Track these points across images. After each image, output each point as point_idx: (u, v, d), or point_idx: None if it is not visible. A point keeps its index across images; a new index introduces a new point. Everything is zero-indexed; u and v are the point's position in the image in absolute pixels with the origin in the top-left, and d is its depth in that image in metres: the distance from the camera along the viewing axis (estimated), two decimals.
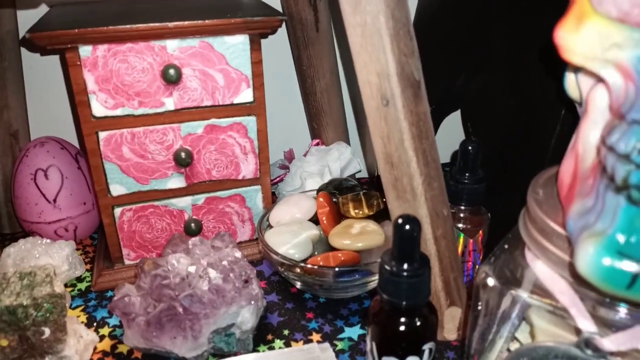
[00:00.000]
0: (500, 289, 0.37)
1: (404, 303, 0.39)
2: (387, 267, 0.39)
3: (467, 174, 0.52)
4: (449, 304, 0.50)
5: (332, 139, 0.76)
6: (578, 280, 0.32)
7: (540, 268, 0.35)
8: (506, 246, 0.39)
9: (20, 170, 0.63)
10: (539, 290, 0.36)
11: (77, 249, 0.68)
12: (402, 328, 0.40)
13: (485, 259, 0.39)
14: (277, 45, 0.74)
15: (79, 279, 0.63)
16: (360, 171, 0.76)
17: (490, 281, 0.37)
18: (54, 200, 0.63)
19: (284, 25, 0.72)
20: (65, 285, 0.62)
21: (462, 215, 0.54)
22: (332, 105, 0.73)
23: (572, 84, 0.35)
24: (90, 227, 0.68)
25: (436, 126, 0.72)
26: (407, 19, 0.44)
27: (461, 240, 0.54)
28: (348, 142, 0.78)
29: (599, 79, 0.31)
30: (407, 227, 0.37)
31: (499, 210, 0.55)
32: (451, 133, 0.72)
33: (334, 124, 0.75)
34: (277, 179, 0.76)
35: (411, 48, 0.44)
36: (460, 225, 0.54)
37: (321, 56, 0.69)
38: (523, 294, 0.36)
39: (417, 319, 0.40)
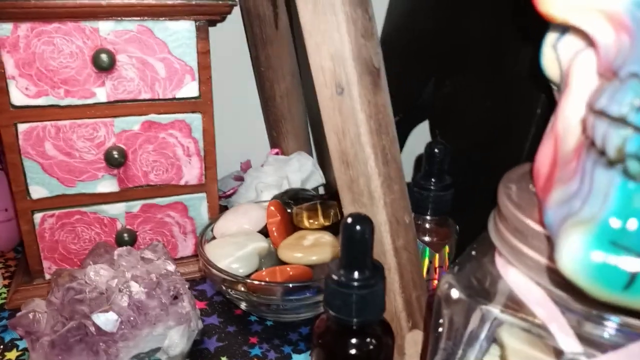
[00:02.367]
0: (467, 302, 0.31)
1: (354, 320, 0.33)
2: (334, 277, 0.33)
3: (432, 180, 0.47)
4: (410, 327, 0.44)
5: (292, 149, 0.70)
6: (560, 288, 0.26)
7: (513, 276, 0.29)
8: (473, 253, 0.33)
9: None
10: (513, 304, 0.30)
11: None
12: (352, 351, 0.33)
13: (449, 269, 0.33)
14: (235, 44, 0.69)
15: None
16: (323, 185, 0.69)
17: (455, 293, 0.31)
18: None
19: (241, 21, 0.67)
20: None
21: (427, 226, 0.48)
22: (292, 111, 0.68)
23: (550, 59, 0.30)
24: (12, 237, 0.60)
25: (403, 139, 0.67)
26: None
27: (426, 254, 0.47)
28: (310, 153, 0.72)
29: (583, 43, 0.26)
30: (358, 227, 0.31)
31: (468, 224, 0.50)
32: (413, 145, 0.67)
33: (295, 132, 0.69)
34: (231, 191, 0.69)
35: (370, 30, 0.39)
36: (425, 237, 0.48)
37: (281, 56, 0.64)
38: (494, 309, 0.30)
39: (370, 340, 0.34)
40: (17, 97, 0.47)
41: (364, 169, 0.40)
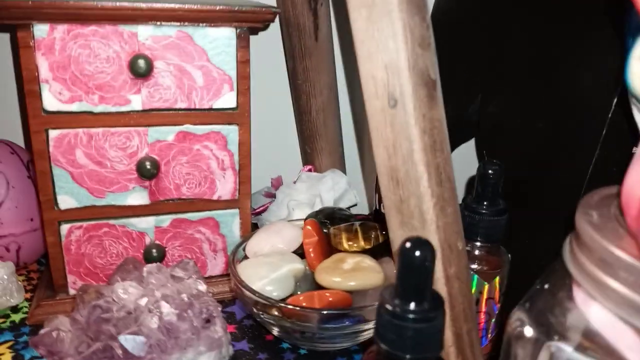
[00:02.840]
0: (541, 341, 0.27)
1: (408, 357, 0.29)
2: (388, 307, 0.29)
3: (485, 203, 0.43)
4: None
5: (326, 166, 0.67)
6: None
7: (596, 313, 0.26)
8: (546, 286, 0.30)
9: None
10: (591, 342, 0.26)
11: (19, 274, 0.57)
12: None
13: (518, 304, 0.30)
14: (270, 55, 0.66)
15: (15, 309, 0.52)
16: (356, 205, 0.66)
17: (528, 331, 0.27)
18: None
19: (278, 31, 0.65)
20: None
21: (476, 253, 0.44)
22: (328, 127, 0.65)
23: (638, 73, 0.27)
24: (37, 249, 0.58)
25: None
26: (424, 3, 0.36)
27: (475, 284, 0.44)
28: (344, 171, 0.69)
29: None
30: (418, 253, 0.28)
31: (518, 253, 0.46)
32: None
33: (330, 148, 0.66)
34: (261, 208, 0.66)
35: (427, 39, 0.36)
36: (474, 265, 0.45)
37: (319, 69, 0.61)
38: (567, 348, 0.26)
39: None
40: (50, 102, 0.45)
41: (416, 189, 0.37)
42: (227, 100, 0.49)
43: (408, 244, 0.28)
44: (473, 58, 0.56)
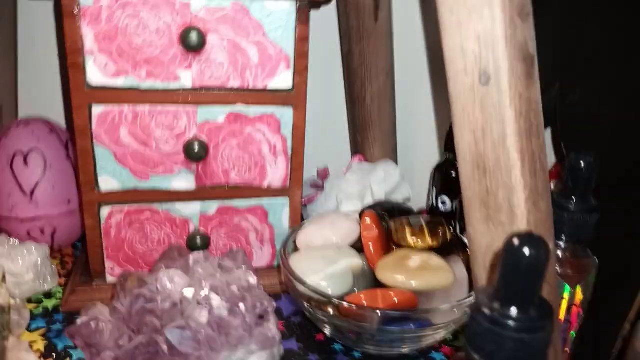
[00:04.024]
0: None
1: None
2: (487, 312, 0.25)
3: (574, 199, 0.38)
4: None
5: (378, 157, 0.62)
6: None
7: None
8: None
9: None
10: None
11: (54, 258, 0.55)
12: None
13: None
14: (323, 37, 0.62)
15: (48, 295, 0.49)
16: (409, 199, 0.62)
17: None
18: (31, 193, 0.51)
19: (333, 11, 0.61)
20: (29, 301, 0.48)
21: (560, 254, 0.40)
22: (382, 116, 0.61)
23: None
24: (73, 232, 0.55)
25: None
26: None
27: (566, 290, 0.39)
28: (397, 163, 0.64)
29: None
30: (528, 251, 0.24)
31: (603, 257, 0.41)
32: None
33: (383, 138, 0.62)
34: (307, 200, 0.62)
35: (527, 8, 0.32)
36: (557, 269, 0.40)
37: (377, 52, 0.57)
38: None
39: None
40: (95, 75, 0.42)
41: (507, 180, 0.33)
42: (283, 80, 0.45)
43: (517, 241, 0.24)
44: (550, 41, 0.51)
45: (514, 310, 0.24)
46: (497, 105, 0.32)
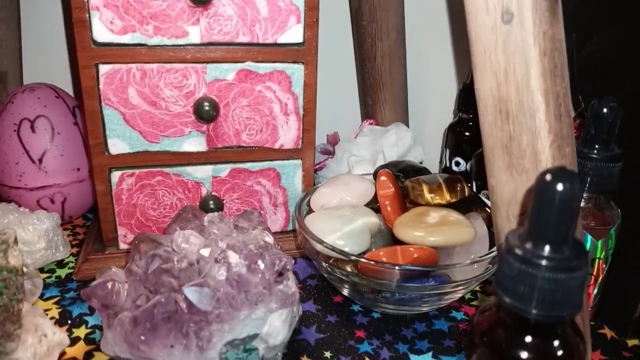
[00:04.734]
0: None
1: (535, 313, 0.24)
2: (518, 251, 0.24)
3: (597, 147, 0.37)
4: None
5: (389, 120, 0.61)
6: None
7: None
8: None
9: (3, 119, 0.50)
10: None
11: (65, 228, 0.54)
12: (531, 356, 0.25)
13: None
14: None
15: (61, 264, 0.49)
16: (422, 162, 0.61)
17: None
18: (40, 161, 0.50)
19: None
20: (42, 270, 0.48)
21: (583, 205, 0.39)
22: (393, 76, 0.59)
23: None
24: (84, 201, 0.54)
25: None
26: None
27: (589, 242, 0.38)
28: (407, 126, 0.63)
29: None
30: (562, 186, 0.23)
31: (627, 209, 0.40)
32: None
33: (394, 100, 0.61)
34: (319, 165, 0.61)
35: None
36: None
37: (387, 8, 0.55)
38: None
39: (559, 345, 0.25)
40: (101, 32, 0.41)
41: (531, 123, 0.31)
42: (293, 34, 0.44)
43: (549, 176, 0.23)
44: None
45: (547, 249, 0.23)
46: (521, 44, 0.30)
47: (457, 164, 0.57)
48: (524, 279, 0.24)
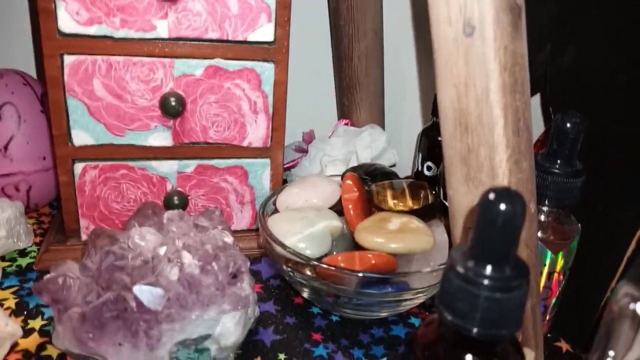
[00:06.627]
0: None
1: (480, 332, 0.24)
2: (460, 270, 0.24)
3: (559, 162, 0.37)
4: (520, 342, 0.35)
5: (364, 121, 0.61)
6: None
7: None
8: None
9: None
10: None
11: (30, 217, 0.53)
12: None
13: (624, 278, 0.24)
14: None
15: (22, 253, 0.48)
16: (395, 165, 0.61)
17: None
18: (5, 148, 0.49)
19: None
20: (2, 259, 0.47)
21: (542, 219, 0.39)
22: (370, 76, 0.59)
23: None
24: (49, 190, 0.53)
25: None
26: None
27: (548, 256, 0.38)
28: (383, 127, 0.63)
29: None
30: (504, 207, 0.23)
31: (589, 222, 0.40)
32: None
33: (370, 101, 0.60)
34: (291, 163, 0.61)
35: None
36: (539, 233, 0.39)
37: (365, 9, 0.55)
38: None
39: None
40: (66, 22, 0.40)
41: (489, 137, 0.31)
42: (264, 32, 0.44)
43: (492, 195, 0.23)
44: (543, 6, 0.49)
45: (488, 269, 0.23)
46: (482, 58, 0.30)
47: (429, 168, 0.57)
48: (465, 297, 0.24)
